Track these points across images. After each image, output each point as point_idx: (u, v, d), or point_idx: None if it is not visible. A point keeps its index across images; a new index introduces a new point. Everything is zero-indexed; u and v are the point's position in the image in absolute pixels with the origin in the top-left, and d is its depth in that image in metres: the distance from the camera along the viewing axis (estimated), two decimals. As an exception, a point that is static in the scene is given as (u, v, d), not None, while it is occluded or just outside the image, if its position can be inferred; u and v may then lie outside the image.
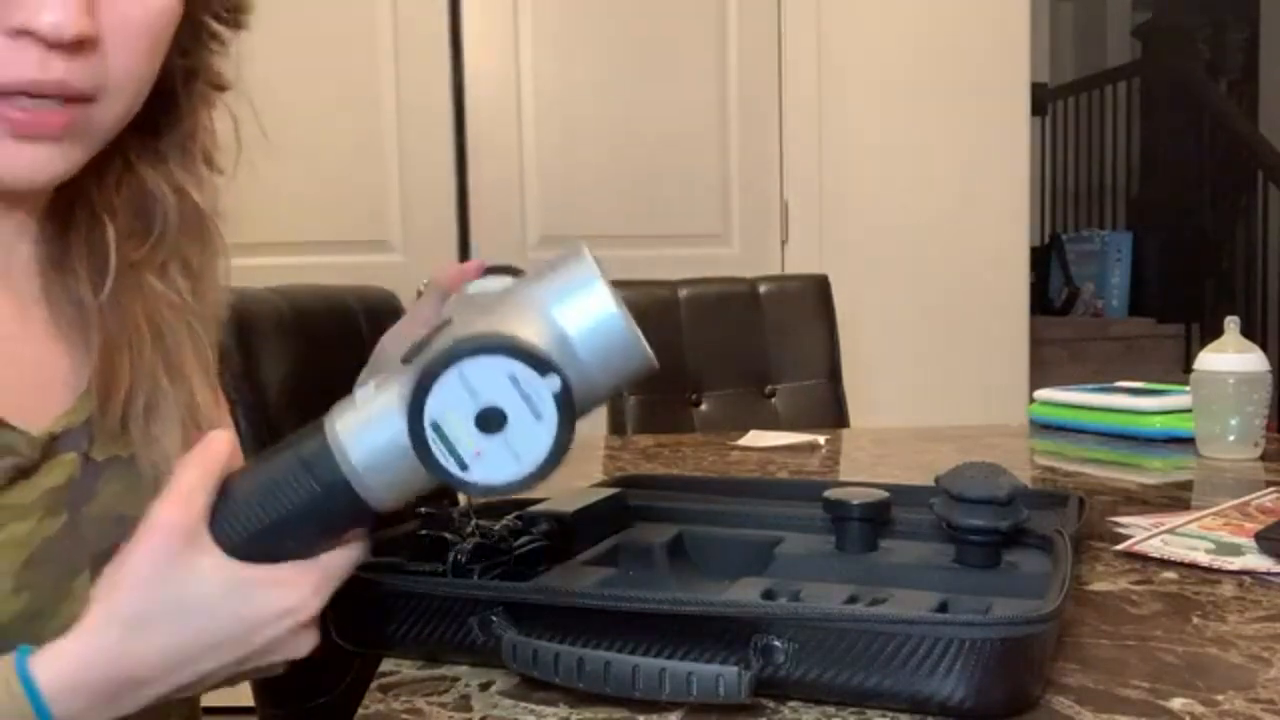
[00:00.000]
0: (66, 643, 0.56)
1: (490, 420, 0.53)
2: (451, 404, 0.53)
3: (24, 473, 0.64)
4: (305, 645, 0.60)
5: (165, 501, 0.58)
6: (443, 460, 0.54)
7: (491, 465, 0.54)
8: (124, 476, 0.70)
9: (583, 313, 0.55)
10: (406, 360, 0.57)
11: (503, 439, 0.53)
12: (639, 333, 0.57)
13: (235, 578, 0.57)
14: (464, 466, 0.54)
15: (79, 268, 0.71)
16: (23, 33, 0.59)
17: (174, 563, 0.56)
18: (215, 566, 0.57)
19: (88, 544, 0.67)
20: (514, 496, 0.89)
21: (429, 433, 0.53)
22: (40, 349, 0.70)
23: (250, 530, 0.58)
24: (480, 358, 0.53)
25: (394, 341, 0.83)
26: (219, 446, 0.60)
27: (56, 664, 0.55)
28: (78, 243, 0.71)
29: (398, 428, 0.55)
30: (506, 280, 0.73)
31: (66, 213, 0.71)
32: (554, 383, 0.53)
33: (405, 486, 0.58)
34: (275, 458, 0.59)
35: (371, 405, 0.57)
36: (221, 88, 0.75)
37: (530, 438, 0.53)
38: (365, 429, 0.56)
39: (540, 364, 0.53)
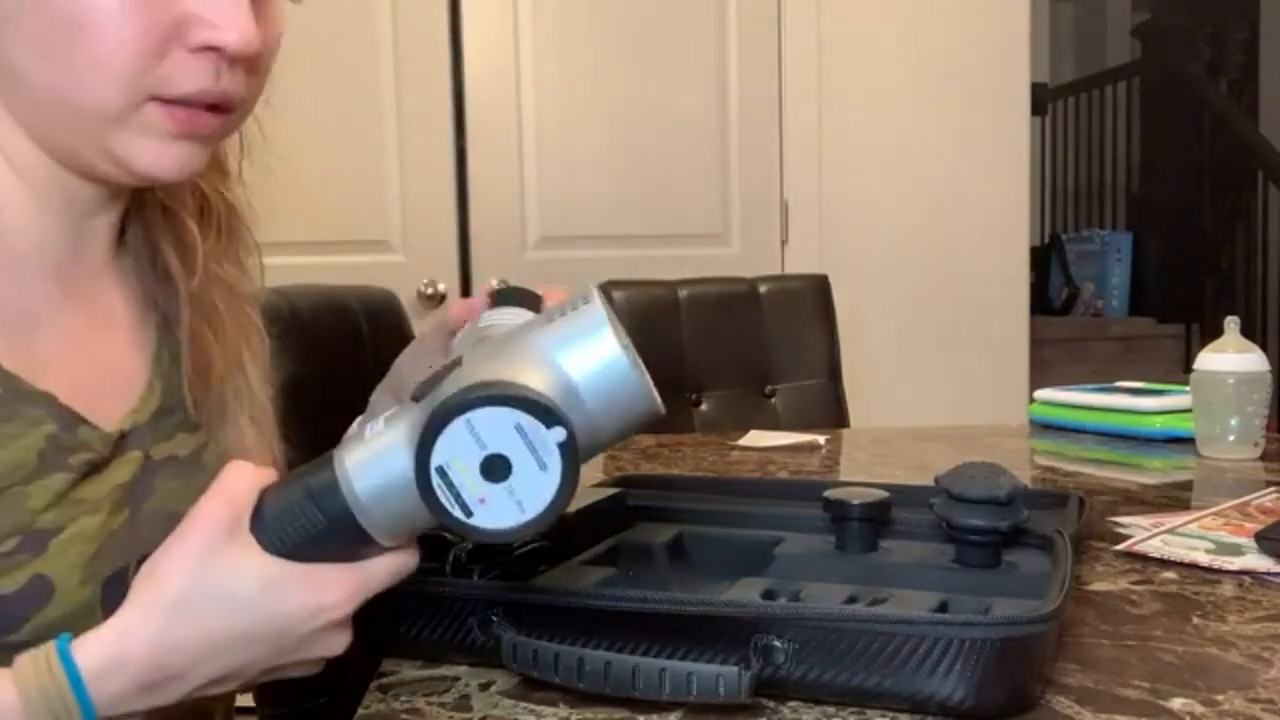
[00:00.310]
0: (106, 628, 0.58)
1: (496, 468, 0.54)
2: (458, 451, 0.54)
3: (96, 468, 0.67)
4: (339, 644, 0.61)
5: (211, 496, 0.60)
6: (447, 505, 0.55)
7: (495, 512, 0.55)
8: (179, 475, 0.74)
9: (590, 361, 0.56)
10: (417, 398, 0.58)
11: (507, 487, 0.54)
12: (647, 378, 0.57)
13: (273, 574, 0.58)
14: (469, 512, 0.55)
15: (171, 260, 0.76)
16: (206, 49, 0.65)
17: (216, 555, 0.58)
18: (255, 562, 0.58)
19: (144, 540, 0.69)
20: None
21: (434, 477, 0.54)
22: (112, 347, 0.74)
23: (273, 550, 0.59)
24: (488, 408, 0.53)
25: (410, 362, 0.85)
26: (273, 471, 0.63)
27: (96, 647, 0.57)
28: (163, 239, 0.77)
29: (404, 465, 0.56)
30: (519, 313, 0.74)
31: (140, 214, 0.77)
32: (560, 434, 0.54)
33: (409, 523, 0.58)
34: (287, 486, 0.60)
35: (380, 441, 0.58)
36: None
37: (534, 487, 0.54)
38: (372, 464, 0.57)
39: (547, 416, 0.53)
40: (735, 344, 2.09)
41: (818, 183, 2.74)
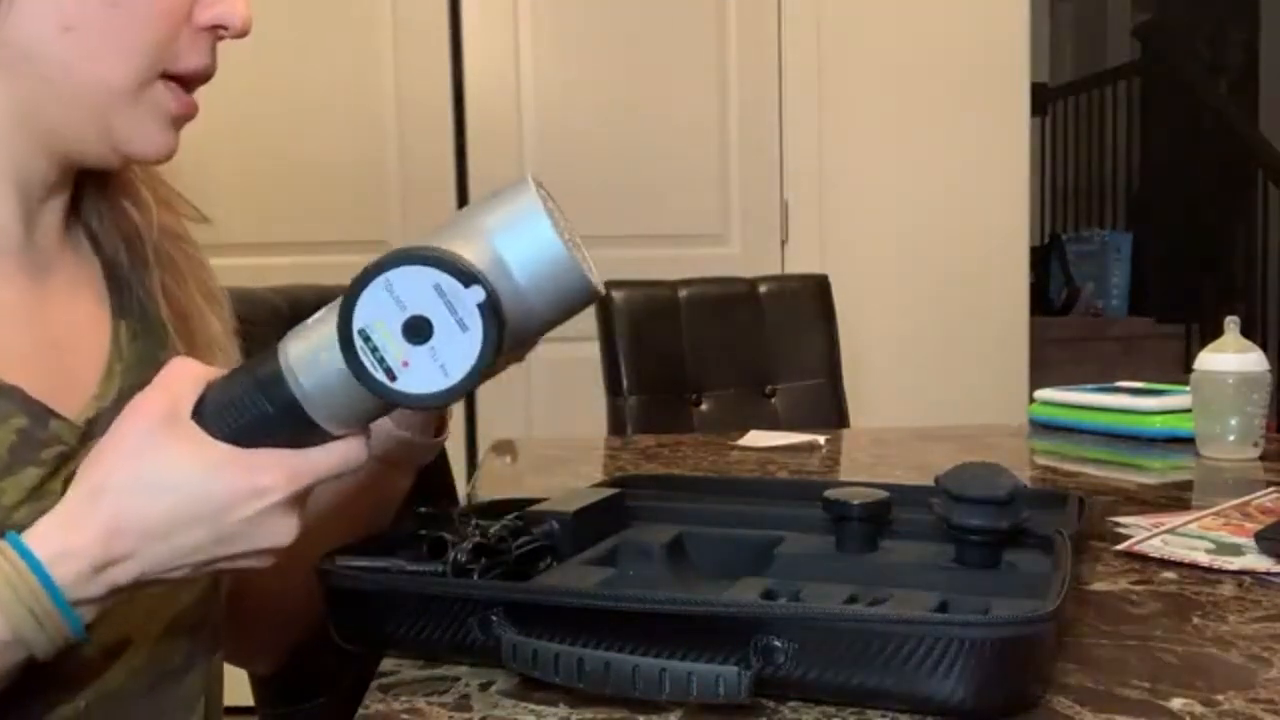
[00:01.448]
0: (51, 516, 0.59)
1: (417, 330, 0.55)
2: (379, 313, 0.55)
3: (66, 460, 0.67)
4: (282, 534, 0.61)
5: (151, 388, 0.61)
6: (372, 370, 0.55)
7: (419, 376, 0.55)
8: None
9: (519, 237, 0.57)
10: None
11: (429, 350, 0.55)
12: (583, 260, 0.58)
13: (210, 458, 0.59)
14: (393, 376, 0.55)
15: (134, 214, 0.77)
16: (212, 28, 0.69)
17: (154, 441, 0.59)
18: (192, 446, 0.59)
19: None
20: (512, 498, 0.89)
21: (358, 341, 0.55)
22: (70, 331, 0.73)
23: (219, 437, 0.59)
24: (405, 268, 0.55)
25: None
26: (213, 368, 0.64)
27: (46, 533, 0.58)
28: (121, 198, 0.77)
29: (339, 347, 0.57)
30: None
31: (94, 181, 0.76)
32: (478, 294, 0.54)
33: (352, 409, 0.59)
34: (233, 377, 0.61)
35: (320, 328, 0.58)
36: None
37: (456, 349, 0.55)
38: (313, 352, 0.58)
39: (464, 275, 0.54)
40: (735, 344, 2.09)
41: (818, 183, 2.74)
